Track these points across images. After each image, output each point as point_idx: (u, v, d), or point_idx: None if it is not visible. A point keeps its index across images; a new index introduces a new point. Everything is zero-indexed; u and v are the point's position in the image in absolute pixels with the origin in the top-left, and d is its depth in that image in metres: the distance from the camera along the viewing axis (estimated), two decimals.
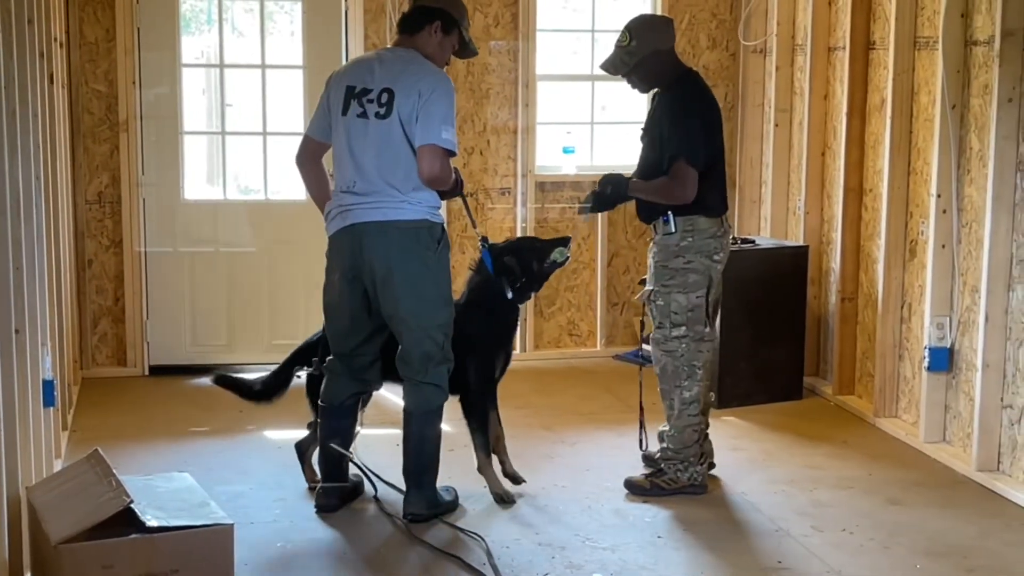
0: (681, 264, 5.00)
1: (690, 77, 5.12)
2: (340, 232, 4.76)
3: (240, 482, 5.24)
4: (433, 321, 4.74)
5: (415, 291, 4.68)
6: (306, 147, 4.93)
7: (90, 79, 6.79)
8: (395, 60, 4.73)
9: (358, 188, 4.69)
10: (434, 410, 4.80)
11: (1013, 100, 5.11)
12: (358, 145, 4.69)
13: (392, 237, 4.66)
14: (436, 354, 4.75)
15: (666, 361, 5.08)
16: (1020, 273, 5.16)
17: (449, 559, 4.44)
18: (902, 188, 5.97)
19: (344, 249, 4.75)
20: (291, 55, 7.26)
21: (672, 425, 5.12)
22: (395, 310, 4.71)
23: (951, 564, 4.47)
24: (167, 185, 6.97)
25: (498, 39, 7.21)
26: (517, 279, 5.04)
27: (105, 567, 3.50)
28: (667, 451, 5.13)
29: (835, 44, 6.61)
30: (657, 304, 5.07)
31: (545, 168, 7.43)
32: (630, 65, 5.02)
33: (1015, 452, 5.23)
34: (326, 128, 4.84)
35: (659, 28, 5.10)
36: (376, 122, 4.66)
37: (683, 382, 5.07)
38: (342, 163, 4.77)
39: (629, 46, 5.00)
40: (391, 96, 4.64)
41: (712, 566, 4.43)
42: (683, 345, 5.05)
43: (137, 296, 6.94)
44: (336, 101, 4.76)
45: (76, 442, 5.66)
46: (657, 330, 5.09)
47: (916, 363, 5.90)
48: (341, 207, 4.74)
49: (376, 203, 4.67)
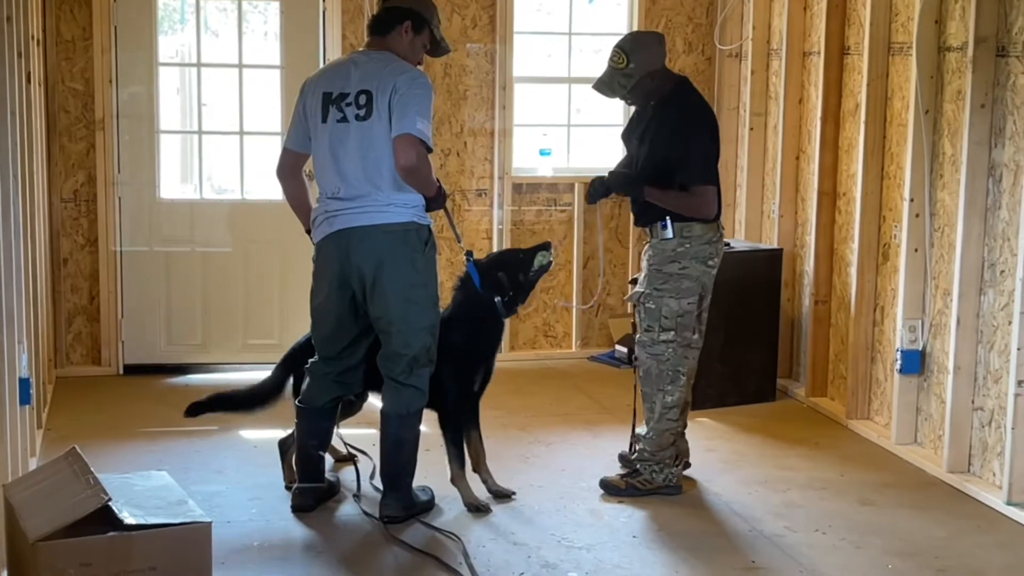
0: (676, 269, 5.02)
1: (685, 87, 5.13)
2: (327, 238, 4.75)
3: (217, 481, 5.24)
4: (421, 323, 4.74)
5: (404, 293, 4.68)
6: (286, 159, 4.91)
7: (66, 77, 6.77)
8: (371, 62, 4.71)
9: (343, 194, 4.68)
10: (413, 413, 4.81)
11: (986, 106, 5.17)
12: (341, 150, 4.68)
13: (379, 241, 4.65)
14: (422, 356, 4.76)
15: (651, 364, 5.10)
16: (991, 277, 5.21)
17: (426, 559, 4.45)
18: (875, 192, 6.02)
19: (332, 255, 4.75)
20: (267, 55, 7.26)
21: (652, 428, 5.15)
22: (383, 312, 4.71)
23: (922, 564, 4.51)
24: (143, 184, 6.96)
25: (475, 41, 7.23)
26: (506, 293, 5.06)
27: (83, 565, 3.49)
28: (644, 452, 5.16)
29: (810, 49, 6.66)
30: (647, 307, 5.08)
31: (522, 170, 7.46)
32: (627, 87, 5.01)
33: (985, 454, 5.28)
34: (304, 138, 4.82)
35: (653, 47, 5.08)
36: (357, 124, 4.64)
37: (666, 386, 5.09)
38: (325, 170, 4.74)
39: (626, 68, 4.98)
40: (370, 97, 4.63)
41: (686, 566, 4.46)
42: (670, 350, 5.07)
43: (112, 295, 6.92)
44: (314, 109, 4.74)
45: (51, 440, 5.65)
46: (645, 333, 5.10)
47: (888, 366, 5.95)
48: (327, 213, 4.73)
49: (362, 207, 4.66)
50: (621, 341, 7.40)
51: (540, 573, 4.36)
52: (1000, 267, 5.16)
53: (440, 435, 5.04)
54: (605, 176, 5.10)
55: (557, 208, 7.49)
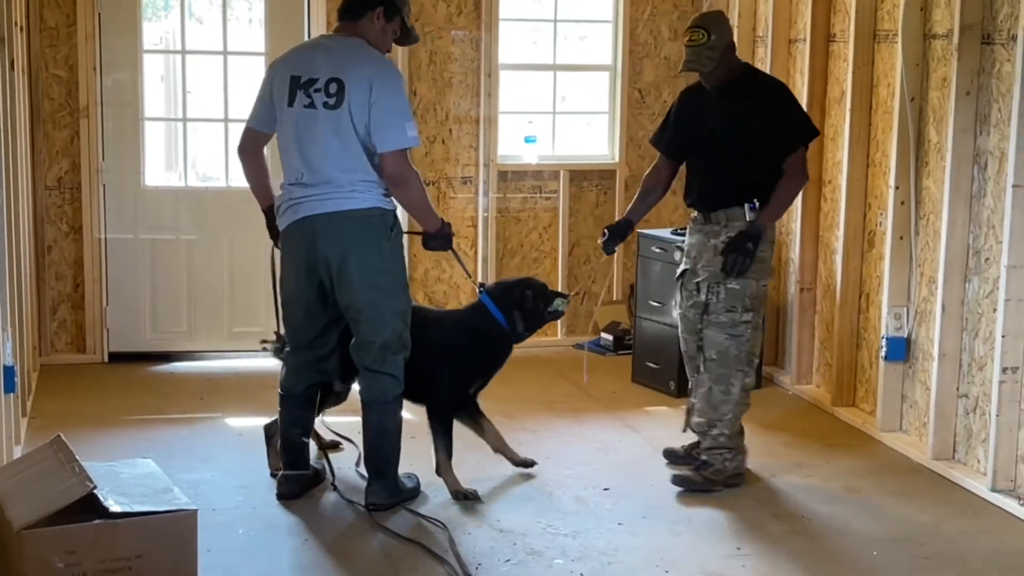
0: (758, 252, 5.01)
1: (754, 69, 5.35)
2: (292, 226, 4.73)
3: (202, 469, 5.23)
4: (390, 309, 4.73)
5: (371, 279, 4.67)
6: (248, 138, 4.89)
7: (50, 64, 6.74)
8: (340, 48, 4.69)
9: (307, 179, 4.66)
10: (391, 400, 4.80)
11: (971, 93, 5.18)
12: (306, 136, 4.65)
13: (345, 227, 4.64)
14: (394, 342, 4.75)
15: (729, 345, 5.05)
16: (976, 264, 5.23)
17: (411, 546, 4.45)
18: (861, 180, 6.03)
19: (297, 242, 4.73)
20: (252, 42, 7.23)
21: (728, 411, 5.08)
22: (352, 299, 4.70)
23: (907, 551, 4.53)
24: (127, 171, 6.93)
25: (460, 28, 7.21)
26: (527, 312, 5.09)
27: (68, 553, 3.49)
28: (720, 439, 5.10)
29: (795, 36, 6.66)
30: (729, 288, 5.03)
31: (507, 157, 7.44)
32: (715, 60, 5.00)
33: (970, 441, 5.30)
34: (268, 118, 4.80)
35: (724, 22, 5.14)
36: (325, 112, 4.61)
37: (745, 367, 5.08)
38: (289, 155, 4.73)
39: (709, 41, 4.98)
40: (341, 86, 4.59)
41: (671, 552, 4.47)
42: (748, 331, 5.06)
43: (97, 283, 6.90)
44: (280, 92, 4.71)
45: (36, 429, 5.63)
46: (726, 313, 5.04)
47: (873, 353, 5.96)
48: (291, 200, 4.72)
49: (326, 194, 4.64)
50: (607, 329, 7.40)
51: (525, 560, 4.37)
52: (985, 254, 5.17)
53: (426, 423, 5.04)
54: (746, 246, 4.95)
55: (542, 196, 7.48)
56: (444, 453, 5.01)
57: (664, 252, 6.50)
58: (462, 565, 4.27)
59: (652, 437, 5.73)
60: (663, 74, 7.49)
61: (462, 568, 4.25)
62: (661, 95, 7.52)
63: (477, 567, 4.28)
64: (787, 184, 5.04)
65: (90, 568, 3.52)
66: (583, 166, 7.54)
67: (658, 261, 6.56)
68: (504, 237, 7.42)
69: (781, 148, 5.01)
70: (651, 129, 7.43)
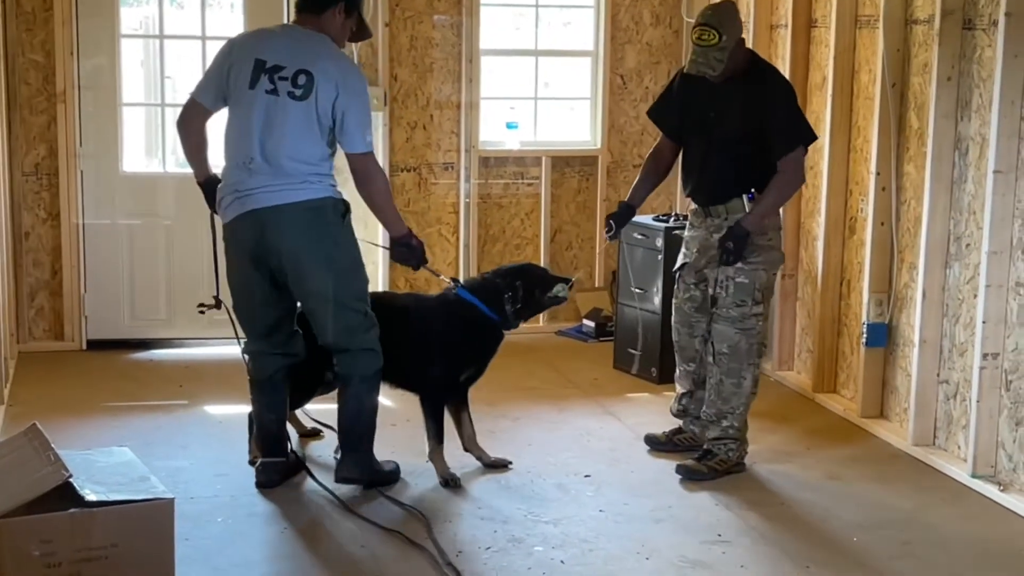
0: (765, 241, 4.99)
1: (760, 59, 5.17)
2: (239, 218, 4.67)
3: (180, 457, 5.20)
4: (349, 293, 4.72)
5: (328, 268, 4.64)
6: (194, 111, 4.80)
7: (27, 49, 6.68)
8: (308, 41, 4.67)
9: (255, 165, 4.61)
10: (371, 375, 4.79)
11: (952, 79, 5.17)
12: (263, 122, 4.60)
13: (296, 218, 4.59)
14: (360, 323, 4.74)
15: (740, 339, 5.02)
16: (957, 250, 5.23)
17: (391, 534, 4.44)
18: (842, 166, 6.02)
19: (245, 235, 4.67)
20: (231, 27, 7.19)
21: (742, 402, 5.07)
22: (310, 289, 4.67)
23: (887, 537, 4.53)
24: (105, 157, 6.88)
25: (442, 13, 7.18)
26: (517, 302, 5.04)
27: (43, 542, 3.46)
28: (729, 431, 5.08)
29: (777, 22, 6.64)
30: (738, 282, 4.99)
31: (489, 143, 7.42)
32: (724, 62, 4.87)
33: (950, 427, 5.30)
34: (215, 97, 4.74)
35: (735, 15, 4.99)
36: (289, 102, 4.58)
37: (755, 359, 5.06)
38: (240, 136, 4.65)
39: (720, 43, 4.84)
40: (310, 79, 4.57)
41: (652, 539, 4.46)
42: (759, 323, 5.03)
43: (75, 269, 6.85)
44: (242, 73, 4.64)
45: (12, 416, 5.59)
46: (736, 308, 5.00)
47: (854, 339, 5.96)
48: (237, 193, 4.65)
49: (276, 186, 4.59)
50: (588, 315, 7.39)
51: (506, 548, 4.35)
52: (966, 240, 5.17)
53: (406, 410, 5.03)
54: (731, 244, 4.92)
55: (524, 182, 7.46)
56: (435, 439, 5.00)
57: (646, 239, 6.48)
58: (441, 553, 4.25)
59: (633, 424, 5.72)
60: (645, 60, 7.46)
61: (442, 556, 4.23)
62: (643, 81, 7.49)
63: (457, 554, 4.27)
64: (779, 184, 4.93)
65: (66, 557, 3.49)
66: (565, 152, 7.52)
67: (640, 247, 6.54)
68: (486, 223, 7.40)
69: (775, 147, 4.92)
70: (633, 115, 7.50)
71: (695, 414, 5.31)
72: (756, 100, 4.95)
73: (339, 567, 4.22)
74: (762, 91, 4.96)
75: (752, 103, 4.94)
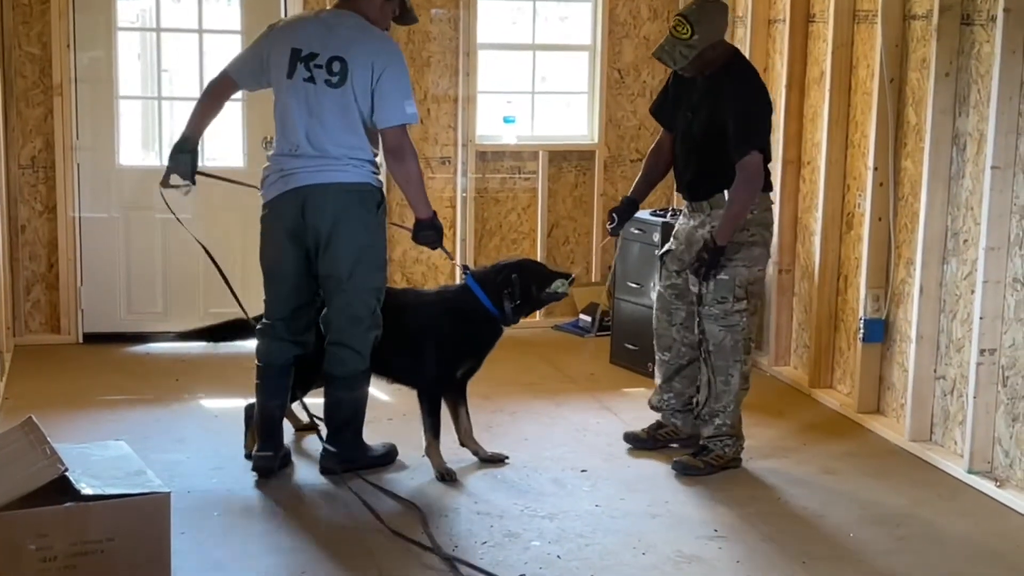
0: (746, 237, 4.98)
1: (739, 59, 5.08)
2: (281, 196, 4.76)
3: (177, 451, 5.19)
4: (367, 284, 4.77)
5: (353, 252, 4.72)
6: (221, 82, 4.92)
7: (23, 42, 6.66)
8: (343, 26, 4.71)
9: (300, 152, 4.71)
10: (352, 375, 4.83)
11: (950, 74, 5.16)
12: (304, 111, 4.69)
13: (334, 198, 4.68)
14: (366, 318, 4.78)
15: (724, 336, 5.01)
16: (954, 246, 5.22)
17: (387, 528, 4.43)
18: (840, 161, 6.01)
19: (286, 212, 4.75)
20: (228, 20, 7.18)
21: (729, 401, 5.06)
22: (332, 269, 4.74)
23: (884, 533, 4.53)
24: (102, 150, 6.87)
25: (439, 7, 7.16)
26: (515, 299, 5.02)
27: (39, 536, 3.46)
28: (723, 428, 5.07)
29: (775, 16, 6.64)
30: (719, 279, 4.98)
31: (486, 137, 7.41)
32: (688, 58, 4.87)
33: (947, 423, 5.30)
34: (248, 75, 4.86)
35: (719, 18, 4.95)
36: (327, 90, 4.66)
37: (741, 356, 5.04)
38: (285, 126, 4.76)
39: (690, 39, 4.83)
40: (344, 66, 4.64)
41: (648, 535, 4.46)
42: (743, 319, 5.02)
43: (71, 263, 6.84)
44: (279, 63, 4.74)
45: (8, 410, 5.58)
46: (718, 305, 4.99)
47: (851, 334, 5.96)
48: (282, 172, 4.75)
49: (318, 167, 4.69)
50: (585, 310, 7.39)
51: (503, 542, 4.35)
52: (963, 236, 5.17)
53: (403, 404, 5.04)
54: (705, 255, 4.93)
55: (521, 176, 7.45)
56: (431, 433, 5.00)
57: (643, 233, 6.47)
58: (437, 547, 4.24)
59: (630, 419, 5.71)
60: (642, 54, 7.45)
61: (438, 550, 4.23)
62: (640, 75, 7.49)
63: (454, 549, 4.26)
64: (735, 192, 4.90)
65: (61, 551, 3.49)
66: (562, 147, 7.51)
67: (637, 242, 6.53)
68: (483, 218, 7.39)
69: (731, 149, 4.89)
70: (630, 110, 7.50)
71: (675, 406, 5.31)
72: (722, 100, 4.94)
73: (336, 560, 4.21)
74: (728, 91, 4.94)
75: (719, 102, 4.94)
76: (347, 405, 4.87)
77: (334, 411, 4.89)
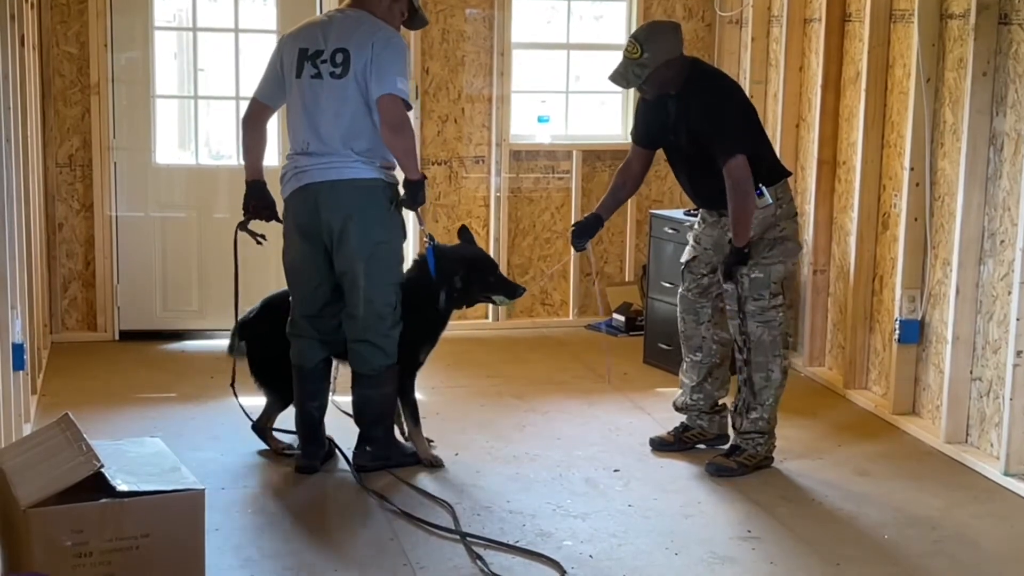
0: (778, 233, 4.97)
1: (698, 71, 5.00)
2: (295, 193, 4.81)
3: (211, 448, 5.22)
4: (385, 279, 4.80)
5: (369, 247, 4.74)
6: (253, 109, 4.95)
7: (61, 41, 6.72)
8: (346, 20, 4.77)
9: (312, 149, 4.75)
10: (378, 371, 4.85)
11: (987, 74, 5.13)
12: (314, 107, 4.73)
13: (347, 195, 4.72)
14: (388, 314, 4.81)
15: (762, 332, 4.99)
16: (991, 247, 5.19)
17: (419, 526, 4.44)
18: (875, 161, 5.98)
19: (300, 209, 4.80)
20: (263, 19, 7.21)
21: (769, 396, 5.04)
22: (348, 266, 4.77)
23: (918, 535, 4.50)
24: (138, 149, 6.92)
25: (473, 7, 7.17)
26: (455, 290, 5.00)
27: (75, 532, 3.47)
28: (759, 423, 5.05)
29: (811, 16, 6.61)
30: (752, 277, 4.96)
31: (519, 137, 7.41)
32: (642, 78, 4.87)
33: (983, 424, 5.26)
34: (273, 92, 4.89)
35: (668, 36, 4.93)
36: (332, 82, 4.70)
37: (780, 350, 5.03)
38: (296, 125, 4.81)
39: (640, 58, 4.83)
40: (346, 56, 4.69)
41: (681, 535, 4.45)
42: (780, 315, 5.00)
43: (108, 260, 6.89)
44: (289, 64, 4.80)
45: (45, 406, 5.63)
46: (754, 302, 4.97)
47: (887, 335, 5.93)
48: (296, 169, 4.80)
49: (331, 163, 4.73)
50: (618, 310, 7.37)
51: (535, 541, 4.35)
52: (1000, 237, 5.13)
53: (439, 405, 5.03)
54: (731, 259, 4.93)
55: (555, 176, 7.45)
56: (411, 419, 5.05)
57: (676, 233, 6.46)
58: (468, 546, 4.25)
59: (663, 419, 5.70)
60: None
61: (469, 549, 4.23)
62: None
63: (486, 548, 4.26)
64: (729, 202, 4.85)
65: (97, 547, 3.50)
66: (596, 146, 7.50)
67: (670, 242, 6.52)
68: (516, 217, 7.40)
69: (716, 156, 4.84)
70: None
71: (703, 408, 5.29)
72: (693, 116, 4.91)
73: (368, 559, 4.22)
74: (695, 106, 4.91)
75: (692, 119, 4.91)
76: (375, 402, 4.90)
77: (363, 409, 4.92)
